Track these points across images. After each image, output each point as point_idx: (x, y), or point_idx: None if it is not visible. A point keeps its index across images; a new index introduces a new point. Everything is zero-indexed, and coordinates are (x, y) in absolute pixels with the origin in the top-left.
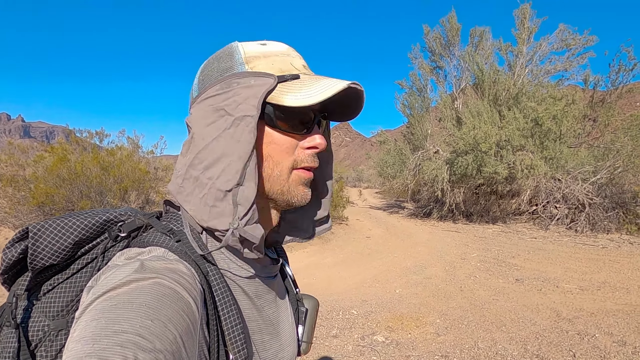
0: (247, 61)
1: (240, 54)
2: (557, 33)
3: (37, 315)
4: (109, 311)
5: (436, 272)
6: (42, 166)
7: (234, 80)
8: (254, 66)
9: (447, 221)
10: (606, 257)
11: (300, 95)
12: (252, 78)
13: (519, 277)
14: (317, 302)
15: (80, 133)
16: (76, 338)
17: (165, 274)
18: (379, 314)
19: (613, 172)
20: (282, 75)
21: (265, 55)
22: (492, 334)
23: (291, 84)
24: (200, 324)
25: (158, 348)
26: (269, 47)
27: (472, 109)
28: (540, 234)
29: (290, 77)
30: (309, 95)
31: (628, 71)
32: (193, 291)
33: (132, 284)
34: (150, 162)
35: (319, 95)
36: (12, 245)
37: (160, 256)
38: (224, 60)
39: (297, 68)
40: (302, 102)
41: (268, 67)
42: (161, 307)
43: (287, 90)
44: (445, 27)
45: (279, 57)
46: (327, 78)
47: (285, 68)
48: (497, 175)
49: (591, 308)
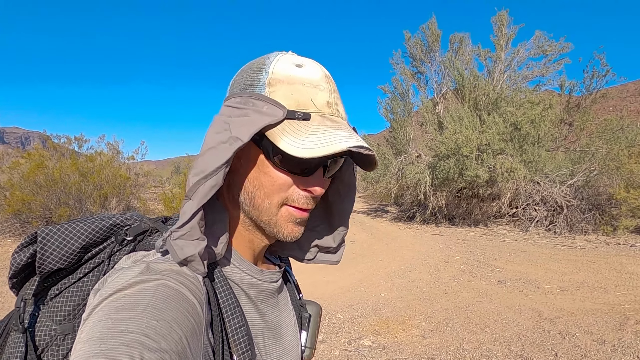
0: (269, 83)
1: (268, 73)
2: (534, 39)
3: (44, 319)
4: (116, 312)
5: (420, 275)
6: (17, 173)
7: (250, 99)
8: (273, 91)
9: (430, 224)
10: (584, 258)
11: (297, 142)
12: (265, 104)
13: (501, 278)
14: (320, 307)
15: (58, 139)
16: (84, 339)
17: (170, 276)
18: (365, 318)
19: (589, 174)
20: (292, 111)
21: (290, 82)
22: (476, 336)
23: (297, 125)
24: (205, 326)
25: (164, 348)
26: (299, 72)
27: (453, 114)
28: (521, 236)
29: (301, 117)
30: (305, 147)
31: (601, 77)
32: (197, 293)
33: (138, 286)
34: (130, 167)
35: (315, 150)
36: (20, 250)
37: (165, 258)
38: (252, 73)
39: (316, 105)
40: (295, 151)
41: (285, 97)
42: (166, 308)
43: (289, 132)
44: (426, 33)
45: (303, 87)
46: (337, 128)
47: (303, 103)
48: (478, 179)
49: (571, 308)
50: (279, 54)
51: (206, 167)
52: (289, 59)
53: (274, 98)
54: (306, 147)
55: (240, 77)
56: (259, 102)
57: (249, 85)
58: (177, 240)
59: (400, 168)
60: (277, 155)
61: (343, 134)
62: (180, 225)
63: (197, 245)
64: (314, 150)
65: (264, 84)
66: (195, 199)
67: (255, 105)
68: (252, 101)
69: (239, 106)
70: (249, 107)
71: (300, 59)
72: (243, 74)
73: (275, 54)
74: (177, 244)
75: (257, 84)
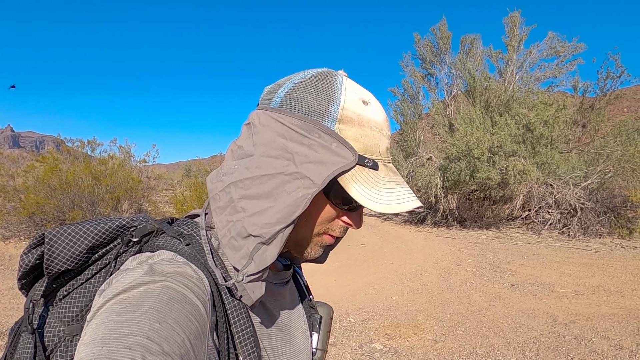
0: (340, 119)
1: (339, 105)
2: (547, 40)
3: (52, 320)
4: (118, 314)
5: (432, 278)
6: (32, 176)
7: (317, 130)
8: (343, 129)
9: (441, 227)
10: (599, 262)
11: (369, 194)
12: (335, 142)
13: (514, 282)
14: (331, 309)
15: (72, 142)
16: (86, 341)
17: (174, 278)
18: (376, 321)
19: (603, 177)
20: (362, 157)
21: (360, 124)
22: (489, 340)
23: (366, 173)
24: (210, 327)
25: (166, 351)
26: (368, 112)
27: (464, 116)
28: (534, 239)
29: (370, 165)
30: (380, 202)
31: (616, 78)
32: (202, 294)
33: (141, 287)
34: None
35: (389, 207)
36: (29, 251)
37: (169, 259)
38: (319, 99)
39: (380, 153)
40: (370, 205)
41: (355, 139)
42: (169, 311)
43: (360, 180)
44: (436, 35)
45: (371, 131)
46: (402, 184)
47: (370, 149)
48: (489, 181)
49: (587, 312)
50: (344, 80)
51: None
52: (354, 91)
53: (344, 137)
54: (380, 202)
55: (303, 96)
56: (327, 136)
57: (315, 113)
58: (250, 284)
59: (410, 170)
60: (335, 195)
61: (407, 192)
62: (259, 272)
63: (262, 285)
64: (388, 207)
65: (335, 119)
66: (274, 246)
67: (322, 139)
68: (318, 132)
69: (302, 133)
70: (315, 139)
71: (364, 93)
72: (306, 95)
73: (339, 79)
74: (250, 287)
75: (326, 115)
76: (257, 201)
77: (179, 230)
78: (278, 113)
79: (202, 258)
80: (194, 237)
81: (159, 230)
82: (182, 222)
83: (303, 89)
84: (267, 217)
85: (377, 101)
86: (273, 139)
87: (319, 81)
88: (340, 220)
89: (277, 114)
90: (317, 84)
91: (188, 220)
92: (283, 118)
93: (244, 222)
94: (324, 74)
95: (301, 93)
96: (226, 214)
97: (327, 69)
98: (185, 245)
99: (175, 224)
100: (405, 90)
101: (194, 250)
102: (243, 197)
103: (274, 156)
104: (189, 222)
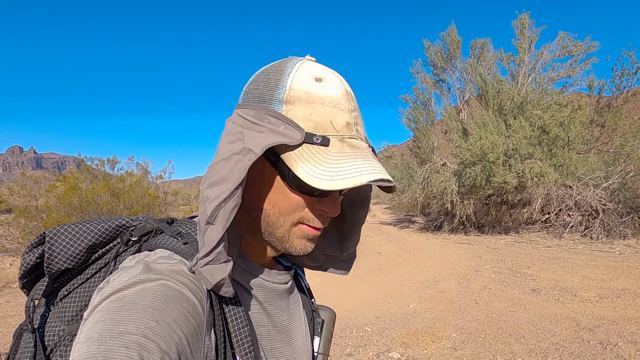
0: (286, 100)
1: (285, 88)
2: (558, 41)
3: (53, 320)
4: (115, 312)
5: (450, 285)
6: (54, 195)
7: (266, 116)
8: (290, 109)
9: (458, 233)
10: (624, 264)
11: (316, 172)
12: (282, 124)
13: (535, 287)
14: (333, 313)
15: (92, 161)
16: (82, 339)
17: (171, 276)
18: (394, 330)
19: (625, 176)
20: (311, 135)
21: (309, 101)
22: (510, 347)
23: (315, 150)
24: (207, 325)
25: (163, 349)
26: (319, 88)
27: (478, 120)
28: (555, 243)
29: (319, 141)
30: (325, 178)
31: (632, 75)
32: (199, 292)
33: (138, 285)
34: (159, 187)
35: (335, 183)
36: (30, 251)
37: (165, 257)
38: (268, 86)
39: (335, 128)
40: (314, 182)
41: (304, 117)
42: (166, 309)
43: (307, 158)
44: (446, 41)
45: (323, 107)
46: (357, 157)
47: (322, 125)
48: (506, 185)
49: (612, 316)
50: (297, 62)
51: (220, 180)
52: (307, 70)
53: (291, 118)
54: (325, 178)
55: (255, 86)
56: (275, 119)
57: (264, 99)
58: (205, 267)
59: (425, 177)
60: (294, 179)
61: (363, 164)
62: (207, 253)
63: (225, 268)
64: (334, 183)
65: (281, 101)
66: (217, 224)
67: (271, 123)
68: (267, 117)
69: (254, 121)
70: (265, 124)
71: (320, 70)
72: (258, 84)
73: (292, 62)
74: (206, 271)
75: (273, 99)
76: (218, 186)
77: (177, 229)
78: (240, 108)
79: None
80: (191, 236)
81: (158, 230)
82: (181, 222)
83: (258, 79)
84: (222, 197)
85: (336, 77)
86: (232, 128)
87: (272, 68)
88: (313, 207)
89: (239, 109)
90: (270, 71)
91: (187, 220)
92: (242, 111)
93: (206, 209)
94: (281, 61)
95: (255, 84)
96: (200, 207)
97: (290, 57)
98: (182, 243)
99: (174, 223)
100: (416, 97)
101: (192, 248)
102: (207, 186)
103: (231, 141)
104: (187, 221)
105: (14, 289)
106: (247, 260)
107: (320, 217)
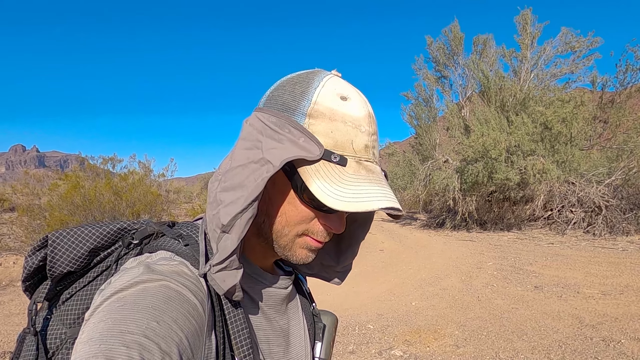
0: (310, 114)
1: (310, 102)
2: (560, 36)
3: (55, 323)
4: (116, 312)
5: (452, 282)
6: (56, 194)
7: (287, 125)
8: (312, 124)
9: (460, 230)
10: (627, 260)
11: (331, 191)
12: (302, 136)
13: (537, 284)
14: (335, 318)
15: (94, 160)
16: (84, 339)
17: (172, 277)
18: (396, 327)
19: (628, 172)
20: (329, 152)
21: (332, 118)
22: (513, 344)
23: (331, 169)
24: (208, 326)
25: (163, 349)
26: (343, 107)
27: (480, 117)
28: (557, 239)
29: (337, 160)
30: (339, 198)
31: (636, 70)
32: (199, 293)
33: (139, 286)
34: (161, 185)
35: (348, 205)
36: (33, 254)
37: (166, 258)
38: (294, 96)
39: (354, 149)
40: (327, 200)
41: (325, 134)
42: (167, 309)
43: (323, 175)
44: (449, 37)
45: (345, 126)
46: (372, 181)
47: (341, 144)
48: (508, 182)
49: (615, 313)
50: (325, 77)
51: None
52: (334, 86)
53: (312, 132)
54: (339, 199)
55: (280, 93)
56: (296, 131)
57: (287, 108)
58: (218, 274)
59: (427, 174)
60: (306, 192)
61: (377, 190)
62: (222, 261)
63: (236, 274)
64: (347, 204)
65: (305, 113)
66: (234, 233)
67: (291, 134)
68: (289, 127)
69: (274, 128)
70: (285, 134)
71: (346, 89)
72: (284, 92)
73: (320, 76)
74: (219, 277)
75: (297, 110)
76: (233, 192)
77: (178, 231)
78: (260, 112)
79: (200, 258)
80: (192, 238)
81: (160, 233)
82: (183, 224)
83: (283, 87)
84: (238, 205)
85: (361, 98)
86: (250, 133)
87: (299, 79)
88: (319, 221)
89: (259, 113)
90: (296, 81)
91: (189, 223)
92: (262, 115)
93: (220, 214)
94: (308, 72)
95: (280, 91)
96: (211, 209)
97: (317, 69)
98: (183, 245)
99: (176, 226)
100: (418, 94)
101: (192, 250)
102: (222, 190)
103: (248, 147)
104: (189, 224)
105: (17, 288)
106: (250, 263)
107: (324, 232)
